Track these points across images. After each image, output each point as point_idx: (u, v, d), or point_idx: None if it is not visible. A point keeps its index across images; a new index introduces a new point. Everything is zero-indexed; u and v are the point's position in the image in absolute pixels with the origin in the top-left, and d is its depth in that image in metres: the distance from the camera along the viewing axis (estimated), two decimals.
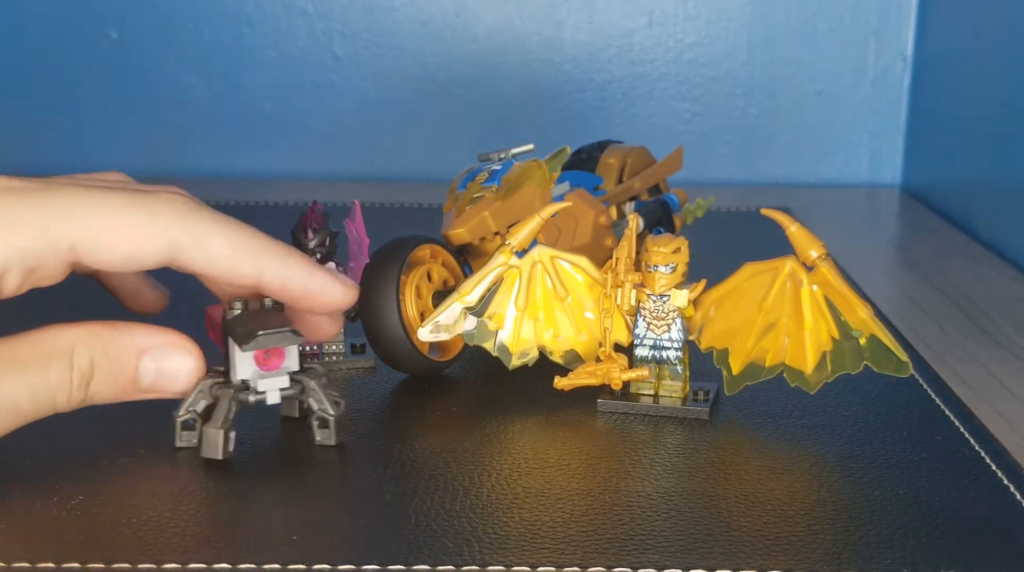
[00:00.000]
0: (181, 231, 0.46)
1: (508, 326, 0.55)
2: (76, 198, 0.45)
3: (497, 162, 0.61)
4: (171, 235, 0.46)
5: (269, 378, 0.49)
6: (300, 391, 0.50)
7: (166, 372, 0.49)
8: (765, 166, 1.08)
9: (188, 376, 0.49)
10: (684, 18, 1.05)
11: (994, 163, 0.89)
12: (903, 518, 0.45)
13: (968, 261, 0.82)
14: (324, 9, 1.05)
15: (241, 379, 0.49)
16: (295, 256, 0.49)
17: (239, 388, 0.49)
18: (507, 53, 1.06)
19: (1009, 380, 0.61)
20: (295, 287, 0.49)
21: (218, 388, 0.49)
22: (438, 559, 0.42)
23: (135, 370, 0.48)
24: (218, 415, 0.49)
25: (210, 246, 0.46)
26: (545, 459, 0.50)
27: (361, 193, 0.96)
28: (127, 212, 0.46)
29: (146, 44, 1.06)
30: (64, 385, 0.46)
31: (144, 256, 0.46)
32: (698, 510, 0.46)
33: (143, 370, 0.48)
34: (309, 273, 0.49)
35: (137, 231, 0.46)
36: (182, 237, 0.46)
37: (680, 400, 0.54)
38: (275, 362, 0.49)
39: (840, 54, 1.05)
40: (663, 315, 0.54)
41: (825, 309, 0.52)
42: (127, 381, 0.48)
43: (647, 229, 0.66)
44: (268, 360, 0.49)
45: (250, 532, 0.44)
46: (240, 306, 0.49)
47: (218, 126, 1.07)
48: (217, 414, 0.49)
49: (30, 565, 0.42)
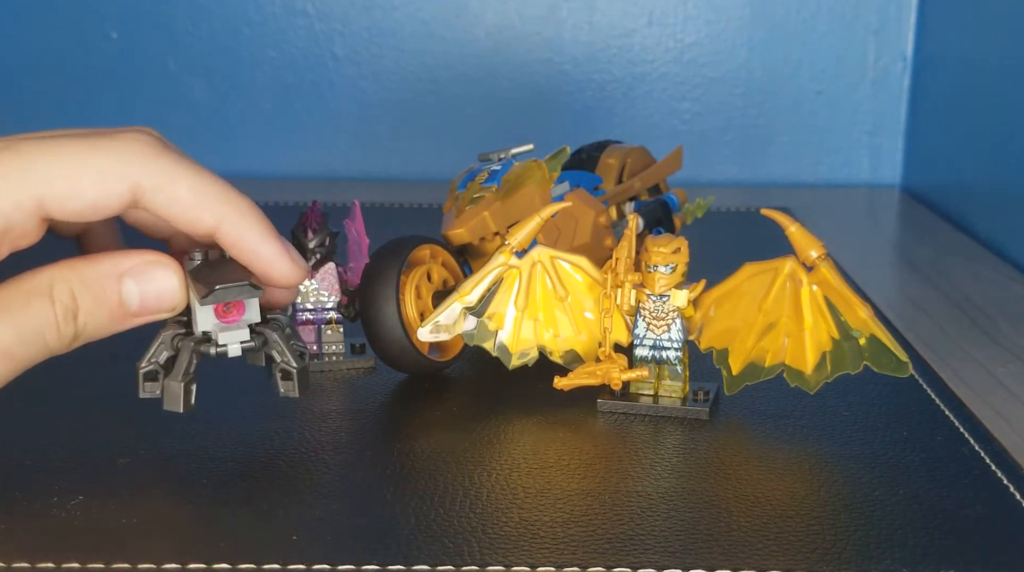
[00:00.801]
0: (145, 174, 0.46)
1: (508, 326, 0.55)
2: (38, 153, 0.45)
3: (497, 162, 0.61)
4: (135, 178, 0.46)
5: (230, 331, 0.49)
6: (263, 343, 0.49)
7: (151, 292, 0.48)
8: (765, 166, 1.08)
9: (174, 292, 0.48)
10: (684, 18, 1.05)
11: (994, 163, 0.89)
12: (903, 518, 0.45)
13: (968, 261, 0.82)
14: (324, 9, 1.05)
15: (202, 331, 0.48)
16: (255, 216, 0.48)
17: (200, 340, 0.48)
18: (507, 53, 1.06)
19: (1009, 380, 0.61)
20: (247, 248, 0.48)
21: (180, 339, 0.49)
22: (438, 559, 0.42)
23: (119, 294, 0.47)
24: (179, 368, 0.48)
25: (173, 190, 0.46)
26: (545, 459, 0.50)
27: (361, 193, 0.96)
28: (89, 160, 0.46)
29: (146, 44, 1.06)
30: (49, 320, 0.46)
31: (109, 201, 0.46)
32: (698, 510, 0.46)
33: (127, 293, 0.47)
34: (263, 237, 0.48)
35: (100, 177, 0.45)
36: (146, 180, 0.46)
37: (680, 400, 0.54)
38: (235, 315, 0.49)
39: (840, 54, 1.05)
40: (663, 315, 0.54)
41: (825, 309, 0.52)
42: (114, 306, 0.47)
43: (647, 229, 0.66)
44: (228, 313, 0.49)
45: (250, 532, 0.44)
46: (199, 257, 0.48)
47: (218, 126, 1.07)
48: (178, 367, 0.48)
49: (30, 565, 0.42)
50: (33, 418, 0.53)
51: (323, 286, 0.59)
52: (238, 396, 0.56)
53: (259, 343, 0.49)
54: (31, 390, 0.55)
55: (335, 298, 0.59)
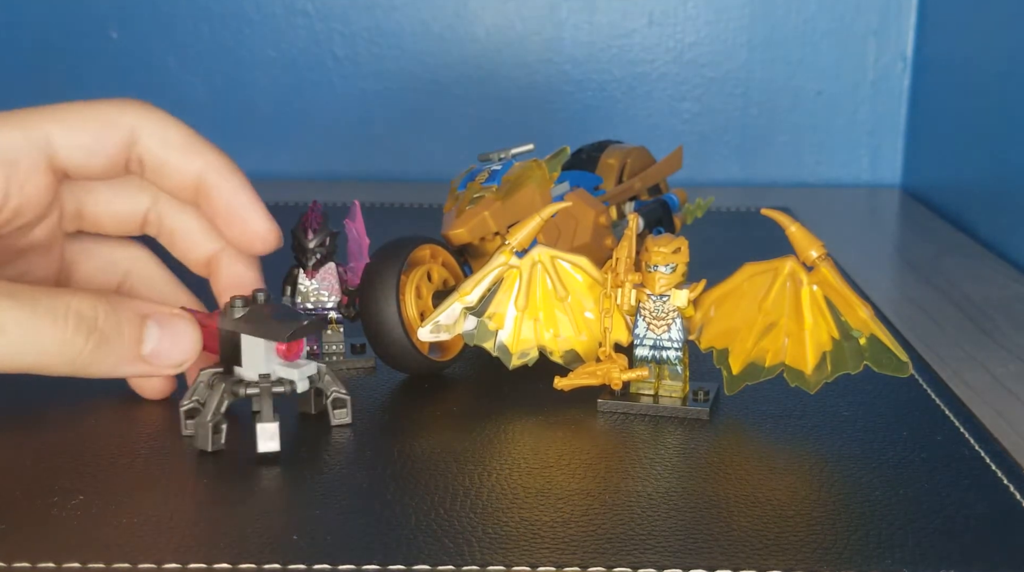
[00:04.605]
0: (141, 119, 0.51)
1: (508, 326, 0.55)
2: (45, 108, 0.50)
3: (497, 162, 0.61)
4: (132, 120, 0.50)
5: (294, 368, 0.50)
6: (317, 377, 0.52)
7: (168, 340, 0.49)
8: (765, 166, 1.08)
9: (190, 345, 0.50)
10: (684, 18, 1.05)
11: (994, 163, 0.89)
12: (903, 518, 0.45)
13: (968, 261, 0.82)
14: (324, 9, 1.05)
15: (259, 374, 0.50)
16: (237, 169, 0.52)
17: (233, 381, 0.50)
18: (507, 53, 1.06)
19: (1009, 380, 0.61)
20: (228, 194, 0.51)
21: (216, 379, 0.50)
22: (438, 559, 0.42)
23: (140, 330, 0.49)
24: (208, 408, 0.49)
25: (166, 132, 0.51)
26: (545, 459, 0.50)
27: (361, 193, 0.96)
28: (91, 107, 0.50)
29: (146, 44, 1.06)
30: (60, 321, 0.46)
31: (112, 139, 0.50)
32: (698, 510, 0.46)
33: (148, 333, 0.49)
34: (244, 187, 0.52)
35: (102, 118, 0.50)
36: (141, 122, 0.51)
37: (680, 400, 0.54)
38: (297, 351, 0.50)
39: (840, 54, 1.06)
40: (663, 315, 0.54)
41: (825, 309, 0.52)
42: (130, 341, 0.48)
43: (647, 229, 0.66)
44: (290, 351, 0.50)
45: (250, 532, 0.44)
46: (241, 304, 0.50)
47: (218, 126, 1.07)
48: (207, 407, 0.49)
49: (30, 565, 0.42)
50: (33, 418, 0.53)
51: (323, 286, 0.59)
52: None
53: (317, 379, 0.52)
54: (31, 390, 0.55)
55: (335, 298, 0.59)
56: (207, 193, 0.51)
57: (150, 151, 0.51)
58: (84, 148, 0.50)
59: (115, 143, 0.50)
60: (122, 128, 0.50)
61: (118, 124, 0.50)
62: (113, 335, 0.48)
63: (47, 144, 0.49)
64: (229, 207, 0.52)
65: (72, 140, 0.49)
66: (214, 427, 0.49)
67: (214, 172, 0.51)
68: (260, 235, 0.53)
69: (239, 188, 0.52)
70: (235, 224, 0.52)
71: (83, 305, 0.47)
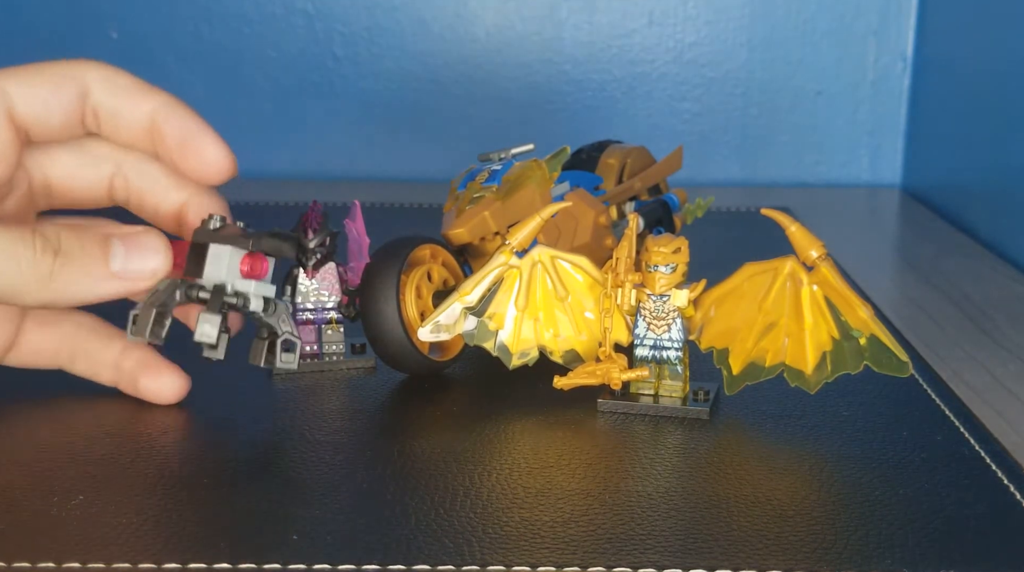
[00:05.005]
0: (93, 70, 0.52)
1: (508, 326, 0.55)
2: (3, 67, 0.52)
3: (497, 162, 0.61)
4: (83, 73, 0.52)
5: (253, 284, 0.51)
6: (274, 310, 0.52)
7: (136, 255, 0.50)
8: (765, 166, 1.08)
9: (159, 256, 0.50)
10: (684, 18, 1.05)
11: (994, 163, 0.89)
12: (903, 518, 0.45)
13: (968, 261, 0.82)
14: (324, 9, 1.05)
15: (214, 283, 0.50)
16: (186, 105, 0.54)
17: (189, 284, 0.50)
18: (507, 53, 1.06)
19: (1009, 380, 0.61)
20: (175, 129, 0.53)
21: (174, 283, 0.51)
22: (438, 559, 0.42)
23: (105, 248, 0.50)
24: (156, 296, 0.49)
25: (115, 79, 0.53)
26: (545, 459, 0.50)
27: (361, 193, 0.96)
28: (47, 64, 0.52)
29: (146, 44, 1.06)
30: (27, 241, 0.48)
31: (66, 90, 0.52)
32: (698, 510, 0.46)
33: (114, 251, 0.50)
34: (196, 118, 0.54)
35: (57, 72, 0.52)
36: (91, 74, 0.52)
37: (680, 400, 0.54)
38: (259, 272, 0.51)
39: (840, 54, 1.05)
40: (663, 315, 0.54)
41: (825, 309, 0.52)
42: (97, 260, 0.49)
43: (647, 229, 0.66)
44: (252, 270, 0.51)
45: (250, 532, 0.44)
46: (219, 220, 0.51)
47: (218, 126, 1.06)
48: (156, 294, 0.49)
49: (30, 565, 0.42)
50: (33, 418, 0.53)
51: (323, 286, 0.59)
52: (237, 396, 0.56)
53: (271, 310, 0.52)
54: (31, 389, 0.55)
55: (335, 298, 0.59)
56: (160, 131, 0.53)
57: (102, 102, 0.52)
58: (41, 100, 0.51)
59: (70, 95, 0.52)
60: (76, 79, 0.52)
61: (72, 76, 0.52)
62: (78, 253, 0.49)
63: (6, 96, 0.50)
64: (182, 138, 0.53)
65: (29, 92, 0.51)
66: (157, 316, 0.49)
67: (164, 108, 0.53)
68: (215, 161, 0.54)
69: (188, 118, 0.54)
70: (190, 154, 0.53)
71: (47, 230, 0.49)
